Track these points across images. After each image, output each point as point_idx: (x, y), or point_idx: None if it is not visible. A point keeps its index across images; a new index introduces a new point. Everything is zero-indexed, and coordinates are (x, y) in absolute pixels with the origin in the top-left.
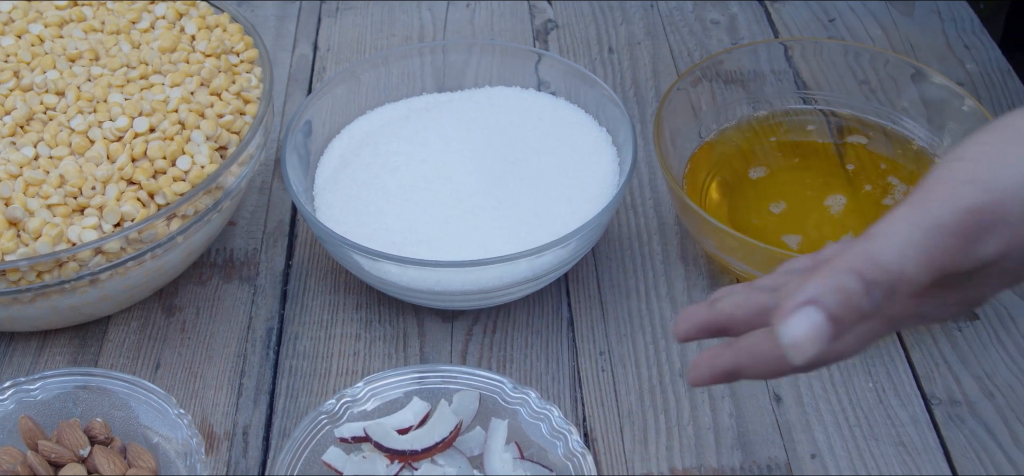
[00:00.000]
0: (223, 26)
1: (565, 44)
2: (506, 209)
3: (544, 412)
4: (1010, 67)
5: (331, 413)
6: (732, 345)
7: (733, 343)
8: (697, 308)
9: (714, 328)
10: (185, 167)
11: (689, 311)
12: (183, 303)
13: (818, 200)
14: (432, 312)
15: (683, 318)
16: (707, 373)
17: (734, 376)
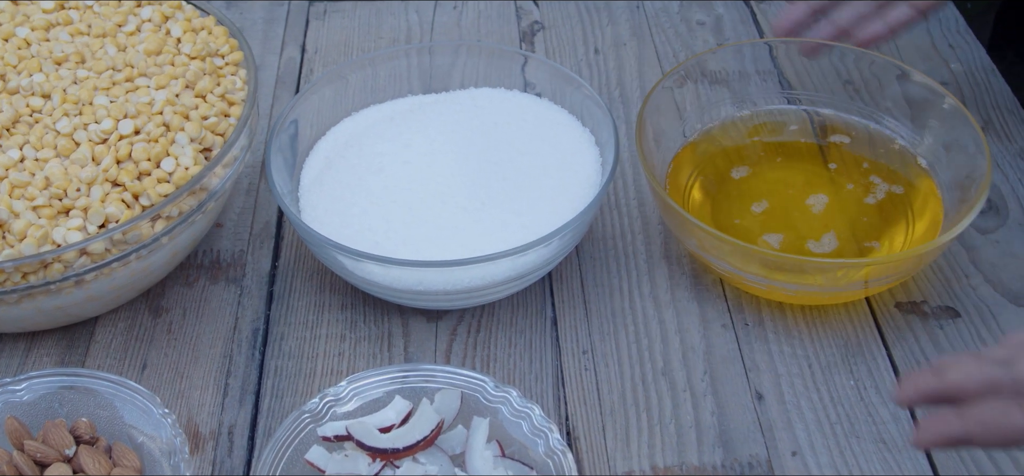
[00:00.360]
0: (209, 29)
1: (551, 45)
2: (489, 209)
3: (525, 411)
4: (994, 67)
5: (314, 412)
6: (963, 415)
7: (964, 413)
8: (923, 377)
9: (940, 397)
10: (169, 169)
11: (914, 378)
12: (170, 304)
13: (800, 199)
14: (417, 312)
15: (908, 384)
16: (935, 437)
17: (963, 443)
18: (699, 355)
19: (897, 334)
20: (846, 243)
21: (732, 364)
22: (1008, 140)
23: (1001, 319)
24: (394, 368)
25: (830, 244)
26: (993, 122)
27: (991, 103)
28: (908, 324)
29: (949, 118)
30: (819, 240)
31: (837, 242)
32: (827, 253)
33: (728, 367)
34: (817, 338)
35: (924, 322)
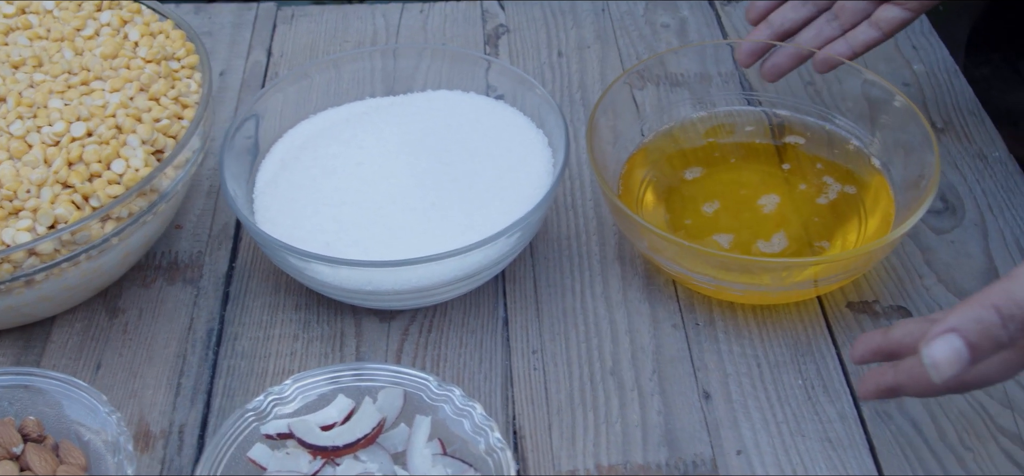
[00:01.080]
0: (166, 33)
1: (515, 48)
2: (439, 210)
3: (467, 409)
4: (957, 68)
5: (258, 410)
6: (896, 367)
7: (897, 365)
8: (873, 334)
9: (886, 352)
10: (120, 170)
11: (866, 337)
12: (127, 305)
13: (752, 199)
14: (370, 313)
15: (860, 342)
16: (873, 388)
17: (895, 393)
18: (648, 355)
19: (847, 334)
20: (797, 243)
21: (681, 364)
22: (968, 141)
23: None
24: (339, 367)
25: (780, 244)
26: (953, 123)
27: (953, 104)
28: (859, 323)
29: (900, 117)
30: (769, 240)
31: (787, 242)
32: (776, 253)
33: (677, 367)
34: (767, 338)
35: (875, 321)
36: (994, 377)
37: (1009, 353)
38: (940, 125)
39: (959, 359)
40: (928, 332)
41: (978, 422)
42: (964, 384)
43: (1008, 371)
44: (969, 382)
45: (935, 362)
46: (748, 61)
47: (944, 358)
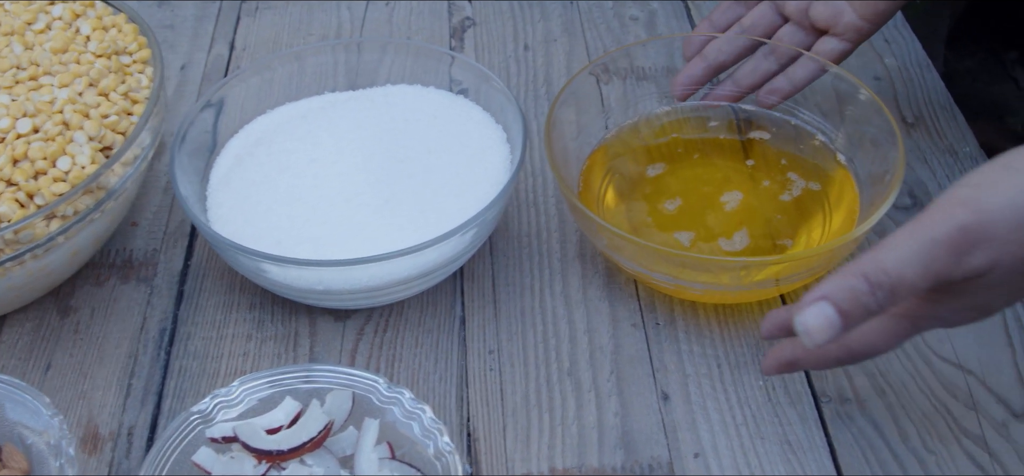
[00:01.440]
0: (119, 27)
1: (481, 42)
2: (393, 207)
3: (417, 411)
4: (929, 62)
5: (204, 413)
6: (793, 339)
7: (795, 340)
8: (780, 311)
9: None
10: (66, 168)
11: (773, 313)
12: (79, 304)
13: (714, 196)
14: (325, 312)
15: (768, 319)
16: (774, 363)
17: (794, 366)
18: (607, 355)
19: None
20: (759, 241)
21: (640, 364)
22: (938, 136)
23: None
24: (286, 369)
25: (742, 242)
26: (924, 118)
27: (924, 99)
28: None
29: (866, 111)
30: (731, 238)
31: (749, 240)
32: (738, 251)
33: (635, 367)
34: (728, 338)
35: None
36: (880, 346)
37: (890, 322)
38: (911, 120)
39: (830, 325)
40: (802, 301)
41: (941, 424)
42: (852, 353)
43: (892, 339)
44: (856, 351)
45: (807, 329)
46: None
47: (816, 325)
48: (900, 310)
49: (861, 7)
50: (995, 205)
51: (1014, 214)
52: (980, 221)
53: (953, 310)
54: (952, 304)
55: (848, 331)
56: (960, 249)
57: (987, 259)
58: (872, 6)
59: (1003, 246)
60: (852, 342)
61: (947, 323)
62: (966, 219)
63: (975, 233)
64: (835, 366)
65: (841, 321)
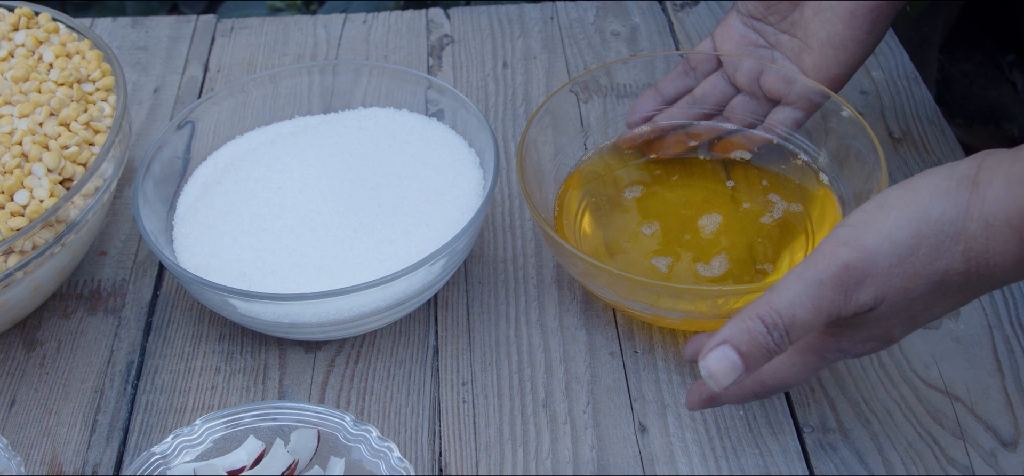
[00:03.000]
0: (82, 53)
1: (459, 60)
2: (362, 237)
3: (383, 449)
4: (917, 74)
5: (164, 454)
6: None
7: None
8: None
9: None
10: (23, 201)
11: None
12: (45, 337)
13: (693, 220)
14: (295, 343)
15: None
16: (697, 399)
17: (716, 401)
18: (583, 385)
19: None
20: (739, 266)
21: (617, 394)
22: (926, 151)
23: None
24: (250, 407)
25: (721, 267)
26: (912, 132)
27: (912, 112)
28: None
29: (848, 128)
30: (709, 263)
31: (729, 265)
32: (717, 277)
33: (613, 398)
34: None
35: None
36: (790, 379)
37: (796, 356)
38: (898, 134)
39: (733, 368)
40: (705, 345)
41: (927, 453)
42: (766, 387)
43: (802, 371)
44: (769, 385)
45: (711, 373)
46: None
47: (719, 369)
48: (804, 345)
49: (814, 72)
50: (874, 242)
51: (892, 249)
52: (862, 258)
53: (854, 342)
54: (852, 336)
55: (750, 373)
56: (846, 286)
57: (873, 293)
58: (824, 72)
59: (887, 280)
60: (764, 376)
61: (852, 353)
62: (849, 257)
63: (858, 270)
64: (752, 399)
65: (743, 364)
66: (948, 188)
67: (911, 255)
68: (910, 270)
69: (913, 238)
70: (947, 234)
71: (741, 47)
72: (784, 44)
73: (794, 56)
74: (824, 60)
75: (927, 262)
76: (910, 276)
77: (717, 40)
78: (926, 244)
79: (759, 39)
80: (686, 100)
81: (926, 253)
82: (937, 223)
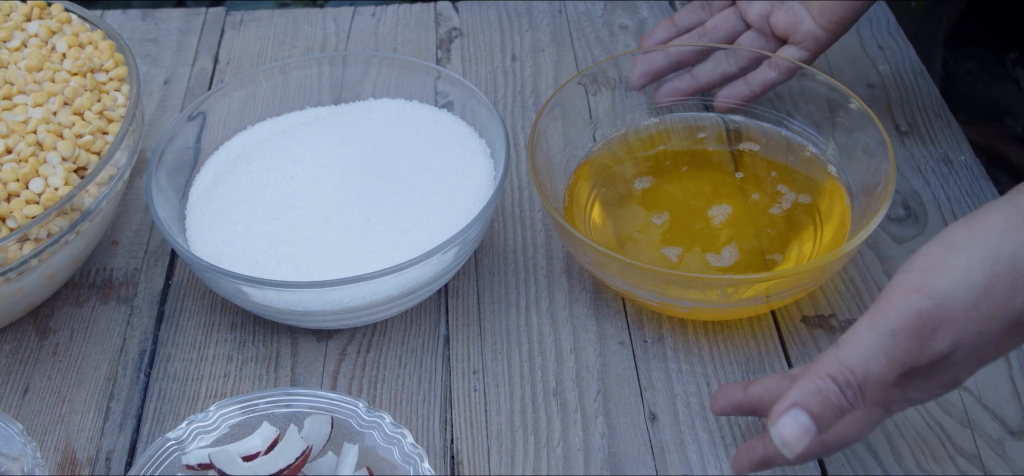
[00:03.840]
0: (95, 43)
1: (468, 52)
2: (374, 226)
3: (396, 436)
4: (924, 68)
5: (179, 439)
6: (764, 438)
7: (765, 436)
8: (733, 389)
9: (745, 408)
10: (38, 189)
11: (725, 390)
12: (58, 325)
13: (703, 210)
14: (307, 332)
15: (720, 395)
16: (747, 463)
17: (768, 465)
18: (594, 374)
19: (801, 350)
20: (749, 256)
21: (627, 383)
22: (933, 144)
23: None
24: (264, 393)
25: (731, 257)
26: (918, 125)
27: (918, 106)
28: (813, 339)
29: (857, 120)
30: (719, 253)
31: (738, 255)
32: (727, 267)
33: (623, 387)
34: (718, 355)
35: (830, 336)
36: (854, 436)
37: (862, 413)
38: (904, 128)
39: (806, 433)
40: (773, 409)
41: (935, 443)
42: (826, 447)
43: (866, 428)
44: (831, 444)
45: (784, 440)
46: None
47: (792, 435)
48: (871, 399)
49: (820, 16)
50: (947, 286)
51: (967, 292)
52: (936, 305)
53: (922, 390)
54: (921, 385)
55: (822, 435)
56: (922, 335)
57: (950, 341)
58: (830, 13)
59: (963, 325)
60: (826, 437)
61: (917, 402)
62: (922, 305)
63: (933, 317)
64: (811, 460)
65: (816, 427)
66: (1017, 223)
67: (986, 296)
68: (986, 312)
69: (988, 278)
70: (1021, 271)
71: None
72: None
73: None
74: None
75: (1003, 302)
76: (986, 319)
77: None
78: (1001, 284)
79: None
80: (697, 31)
81: (1001, 293)
82: (1010, 261)
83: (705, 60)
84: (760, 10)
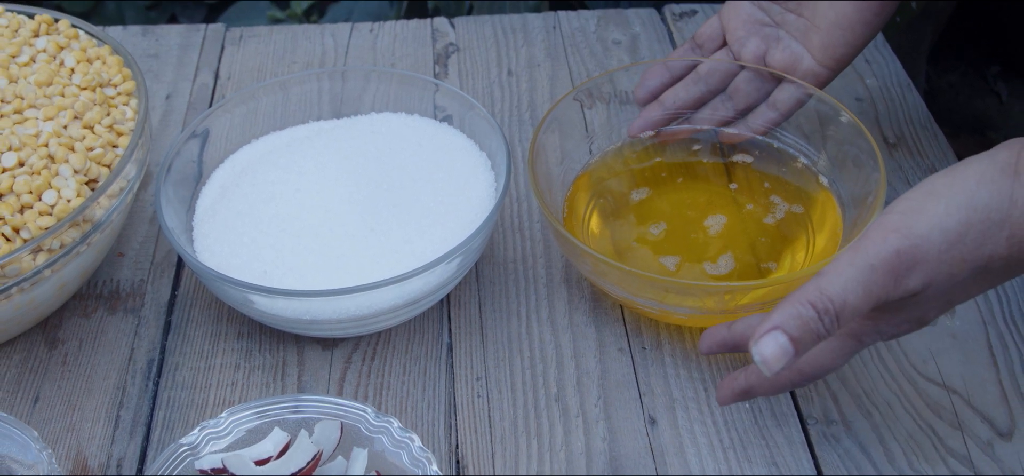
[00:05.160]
0: (103, 58)
1: (465, 68)
2: (378, 237)
3: (405, 440)
4: (910, 82)
5: (192, 445)
6: (746, 369)
7: (747, 367)
8: (718, 328)
9: (730, 345)
10: (51, 201)
11: (711, 330)
12: (66, 336)
13: (699, 220)
14: (313, 341)
15: (706, 335)
16: (729, 393)
17: (749, 394)
18: (594, 380)
19: None
20: (744, 264)
21: (627, 389)
22: (920, 155)
23: (904, 340)
24: (275, 399)
25: (727, 265)
26: (906, 137)
27: (905, 118)
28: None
29: (847, 133)
30: (716, 262)
31: (734, 263)
32: (723, 275)
33: (622, 392)
34: (715, 361)
35: None
36: (828, 365)
37: (836, 342)
38: (892, 140)
39: (785, 353)
40: (754, 330)
41: (927, 444)
42: (803, 375)
43: (840, 357)
44: (807, 372)
45: (764, 358)
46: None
47: (772, 353)
48: (845, 330)
49: (821, 53)
50: (924, 230)
51: (942, 237)
52: (913, 246)
53: (892, 324)
54: (892, 319)
55: (799, 357)
56: (897, 272)
57: (922, 280)
58: (832, 51)
59: (936, 266)
60: (803, 364)
61: (887, 336)
62: (900, 244)
63: (909, 257)
64: (787, 389)
65: (793, 349)
66: (993, 176)
67: (959, 241)
68: (957, 256)
69: (962, 225)
70: (993, 221)
71: (747, 25)
72: (790, 23)
73: (801, 36)
74: (831, 40)
75: (974, 248)
76: (957, 261)
77: (724, 18)
78: (974, 231)
79: (765, 17)
80: (691, 77)
81: (974, 239)
82: (984, 210)
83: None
84: (755, 51)
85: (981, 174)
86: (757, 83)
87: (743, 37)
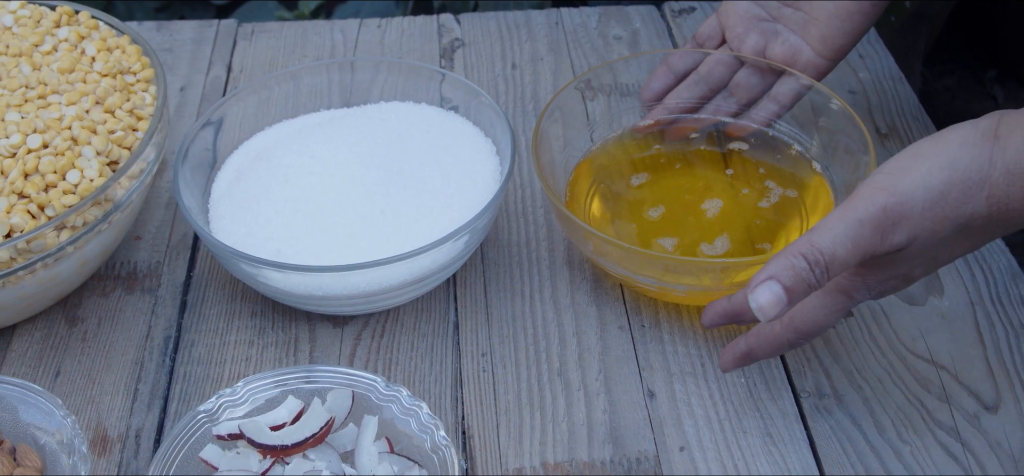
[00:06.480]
0: (123, 48)
1: (470, 61)
2: (388, 217)
3: (414, 408)
4: (902, 75)
5: (210, 412)
6: (745, 334)
7: (746, 333)
8: (719, 301)
9: (730, 315)
10: (75, 181)
11: (712, 304)
12: (86, 314)
13: (696, 204)
14: (324, 319)
15: (708, 309)
16: (731, 358)
17: (750, 357)
18: (595, 356)
19: None
20: (739, 245)
21: (627, 364)
22: None
23: (894, 319)
24: (289, 370)
25: (723, 246)
26: (897, 128)
27: (897, 109)
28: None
29: (838, 120)
30: (712, 243)
31: (730, 244)
32: (719, 255)
33: (622, 367)
34: (711, 338)
35: None
36: (822, 321)
37: (827, 297)
38: (884, 130)
39: (779, 301)
40: (751, 282)
41: (915, 416)
42: (799, 333)
43: (832, 313)
44: (802, 329)
45: (760, 306)
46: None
47: (767, 301)
48: (834, 285)
49: (820, 45)
50: (909, 187)
51: (925, 195)
52: (898, 202)
53: (880, 280)
54: (879, 275)
55: (792, 306)
56: (883, 228)
57: (907, 235)
58: (831, 41)
59: (919, 222)
60: (798, 322)
61: (875, 292)
62: (886, 201)
63: (895, 213)
64: (786, 349)
65: (787, 297)
66: (974, 139)
67: (942, 200)
68: (940, 214)
69: (944, 184)
70: (974, 182)
71: (746, 21)
72: (788, 17)
73: (799, 28)
74: (830, 31)
75: (955, 206)
76: (940, 219)
77: (722, 16)
78: (955, 190)
79: (763, 13)
80: (693, 77)
81: (955, 198)
82: (965, 171)
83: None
84: (754, 46)
85: (963, 138)
86: (757, 78)
87: (742, 33)
